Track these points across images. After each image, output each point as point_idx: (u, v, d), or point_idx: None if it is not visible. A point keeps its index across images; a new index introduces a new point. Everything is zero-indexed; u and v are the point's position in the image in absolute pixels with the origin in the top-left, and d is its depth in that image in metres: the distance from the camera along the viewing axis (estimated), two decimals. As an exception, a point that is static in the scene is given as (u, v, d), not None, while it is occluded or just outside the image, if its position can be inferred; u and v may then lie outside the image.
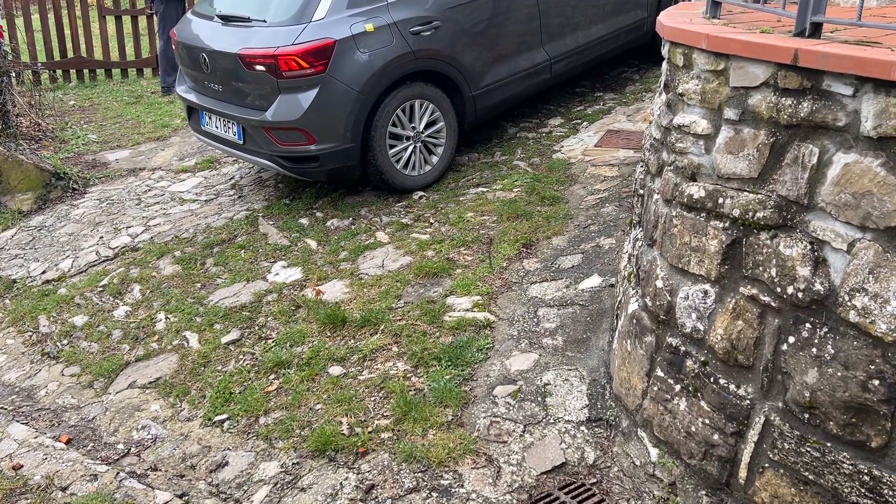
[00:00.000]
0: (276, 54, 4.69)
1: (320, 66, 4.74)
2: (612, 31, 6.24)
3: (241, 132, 5.19)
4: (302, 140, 4.90)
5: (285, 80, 4.76)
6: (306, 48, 4.69)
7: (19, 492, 3.23)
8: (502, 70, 5.57)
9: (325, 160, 4.96)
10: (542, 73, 5.85)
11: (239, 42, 4.94)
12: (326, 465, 3.06)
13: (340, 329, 3.93)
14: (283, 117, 4.84)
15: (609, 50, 6.37)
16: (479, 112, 5.56)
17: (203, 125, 5.62)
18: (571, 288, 3.85)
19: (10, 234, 6.00)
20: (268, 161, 5.17)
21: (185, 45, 5.46)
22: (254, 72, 4.84)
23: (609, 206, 4.56)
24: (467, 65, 5.34)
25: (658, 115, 2.97)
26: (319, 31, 4.75)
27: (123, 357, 4.12)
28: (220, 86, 5.24)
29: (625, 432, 2.97)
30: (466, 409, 3.22)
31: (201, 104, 5.44)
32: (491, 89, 5.54)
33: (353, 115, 4.87)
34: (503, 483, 2.84)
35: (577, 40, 6.02)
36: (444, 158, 5.44)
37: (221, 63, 5.07)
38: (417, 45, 5.04)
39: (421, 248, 4.53)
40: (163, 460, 3.33)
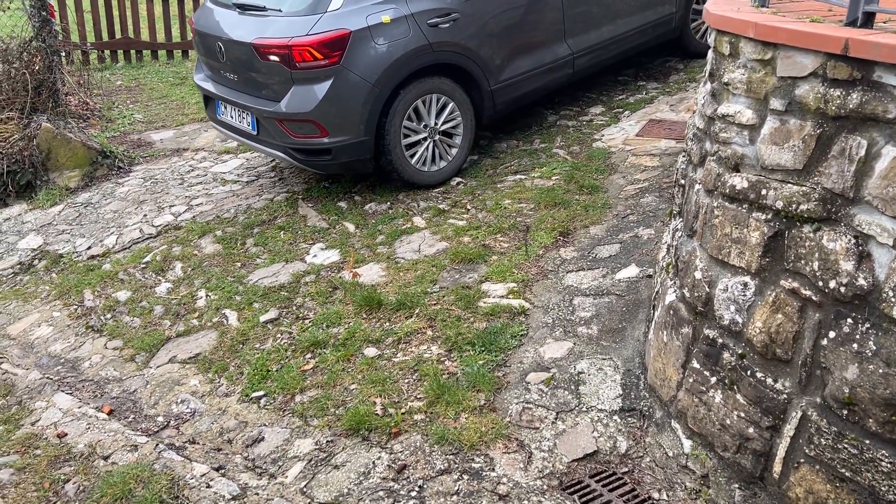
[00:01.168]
0: (290, 45, 4.63)
1: (335, 58, 4.67)
2: (638, 25, 6.04)
3: (254, 123, 5.14)
4: (315, 132, 4.84)
5: (299, 71, 4.70)
6: (321, 39, 4.62)
7: (63, 459, 3.34)
8: (522, 64, 5.43)
9: (338, 153, 4.90)
10: (565, 67, 5.70)
11: (254, 31, 4.88)
12: (360, 444, 3.10)
13: (376, 311, 3.96)
14: (296, 109, 4.78)
15: (635, 45, 6.17)
16: (498, 107, 5.44)
17: (219, 114, 5.58)
18: (608, 277, 3.83)
19: (57, 209, 6.16)
20: (281, 153, 5.12)
21: (201, 33, 5.42)
22: (268, 62, 4.79)
23: (649, 196, 4.52)
24: (486, 58, 5.22)
25: (702, 104, 2.93)
26: (334, 21, 4.68)
27: (164, 332, 4.22)
28: (236, 75, 5.19)
29: (658, 423, 2.96)
30: (499, 394, 3.23)
31: (217, 93, 5.40)
32: (510, 84, 5.41)
33: (367, 108, 4.81)
34: (534, 468, 2.85)
35: (602, 35, 5.84)
36: (461, 154, 5.34)
37: (237, 52, 5.02)
38: (435, 38, 4.94)
39: (457, 234, 4.54)
40: (201, 434, 3.41)
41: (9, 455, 3.41)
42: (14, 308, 4.95)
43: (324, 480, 2.95)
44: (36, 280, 5.22)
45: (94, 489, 3.10)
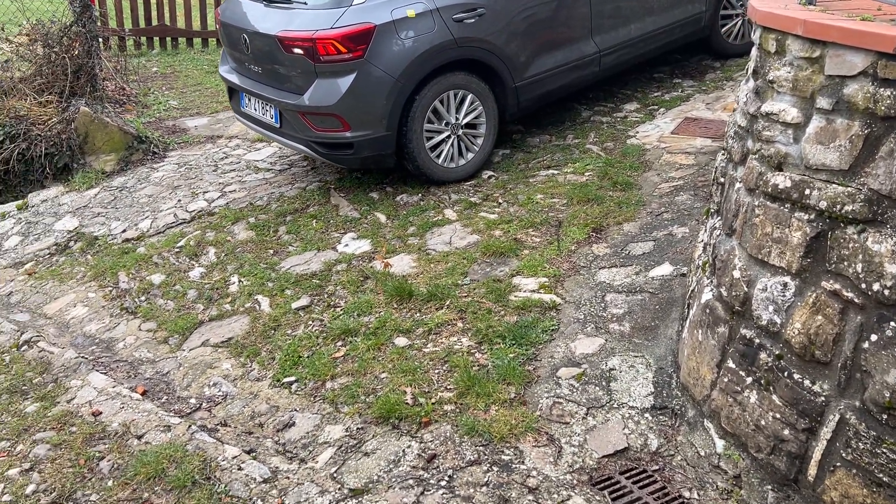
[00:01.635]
0: (314, 38, 4.62)
1: (358, 52, 4.65)
2: (667, 24, 5.93)
3: (278, 116, 5.12)
4: (337, 126, 4.82)
5: (323, 65, 4.68)
6: (345, 32, 4.60)
7: (98, 437, 3.40)
8: (548, 61, 5.37)
9: (360, 148, 4.87)
10: (591, 65, 5.62)
11: (279, 24, 4.86)
12: (390, 433, 3.12)
13: (407, 302, 3.98)
14: (319, 102, 4.76)
15: (663, 44, 6.08)
16: (522, 104, 5.38)
17: (243, 107, 5.56)
18: (641, 275, 3.81)
19: (93, 192, 6.25)
20: (303, 146, 5.10)
21: (227, 25, 5.40)
22: (292, 55, 4.77)
23: (684, 194, 4.49)
24: (511, 55, 5.16)
25: (745, 102, 2.90)
26: (359, 15, 4.66)
27: (198, 316, 4.27)
28: (260, 68, 5.18)
29: (690, 422, 2.94)
30: (529, 388, 3.23)
31: (241, 85, 5.38)
32: (535, 81, 5.34)
33: (390, 103, 4.78)
34: (564, 463, 2.85)
35: (630, 33, 5.75)
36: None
37: (261, 45, 5.01)
38: (460, 33, 4.90)
39: (489, 228, 4.54)
40: (232, 417, 3.45)
41: (45, 431, 3.48)
42: (50, 288, 5.04)
43: (354, 467, 2.98)
44: (72, 261, 5.31)
45: (127, 467, 3.15)
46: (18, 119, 6.89)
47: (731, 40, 6.55)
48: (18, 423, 3.58)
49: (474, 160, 5.28)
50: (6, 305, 4.97)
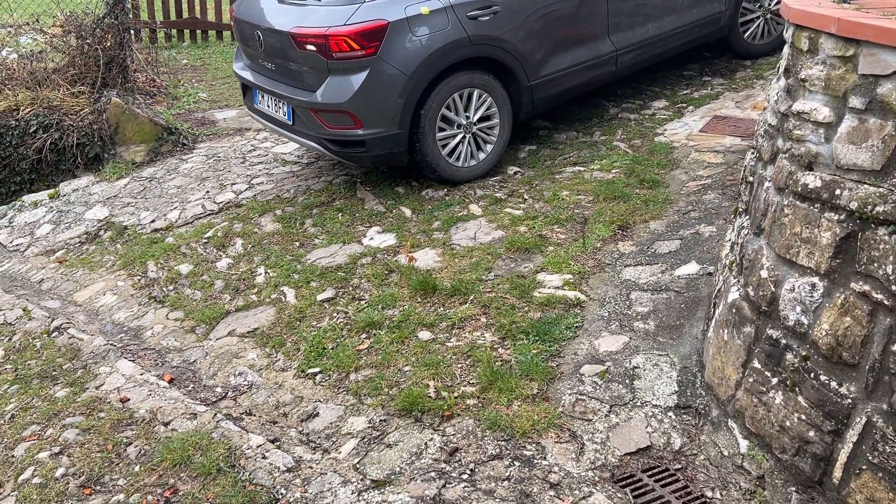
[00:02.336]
0: (327, 34, 4.58)
1: (371, 49, 4.61)
2: (685, 23, 5.82)
3: (290, 113, 5.09)
4: (349, 124, 4.78)
5: (335, 62, 4.65)
6: (358, 29, 4.57)
7: (125, 423, 3.46)
8: (563, 60, 5.30)
9: (372, 145, 4.84)
10: (607, 64, 5.54)
11: (292, 20, 4.84)
12: (412, 425, 3.14)
13: (431, 296, 3.99)
14: (331, 99, 4.73)
15: (682, 44, 5.97)
16: (537, 103, 5.33)
17: (256, 104, 5.54)
18: (667, 273, 3.79)
19: (123, 183, 6.34)
20: (315, 143, 5.05)
21: (241, 21, 5.38)
22: (304, 52, 4.74)
23: (712, 193, 4.45)
24: (526, 53, 5.10)
25: (775, 100, 2.87)
26: (373, 11, 4.63)
27: (224, 306, 4.32)
28: (273, 64, 5.15)
29: (714, 422, 2.93)
30: (552, 384, 3.24)
31: (255, 82, 5.36)
32: (550, 79, 5.27)
33: (403, 101, 4.73)
34: (586, 459, 2.85)
35: (647, 32, 5.66)
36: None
37: (274, 41, 4.98)
38: (474, 31, 4.85)
39: (513, 223, 4.54)
40: (257, 406, 3.49)
41: (75, 416, 3.55)
42: (80, 276, 5.12)
43: (376, 458, 3.00)
44: (101, 250, 5.40)
45: (154, 453, 3.20)
46: (51, 109, 7.01)
47: (751, 40, 6.43)
48: (49, 407, 3.65)
49: (487, 160, 5.24)
50: (37, 292, 5.06)
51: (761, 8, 6.26)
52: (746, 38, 6.39)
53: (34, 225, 6.12)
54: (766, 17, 6.31)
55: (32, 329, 4.45)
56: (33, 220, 6.19)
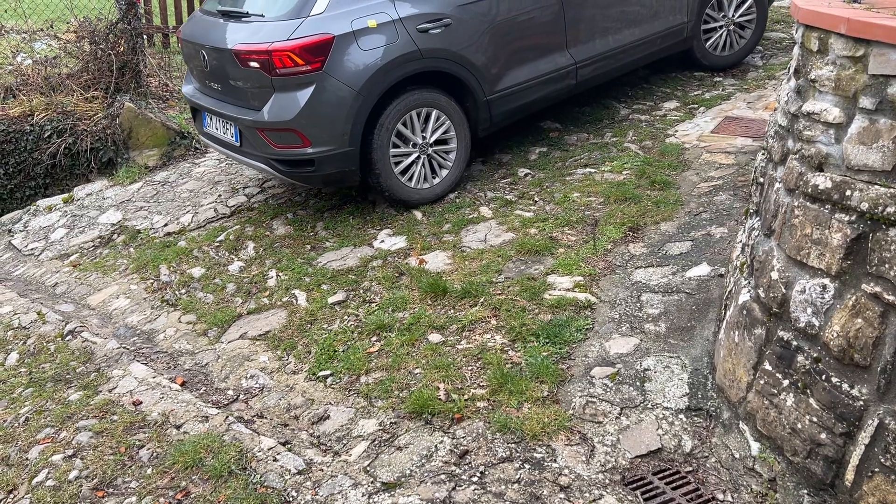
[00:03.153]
0: (270, 50, 4.41)
1: (317, 63, 4.43)
2: (647, 35, 5.73)
3: (237, 134, 4.91)
4: (297, 142, 4.60)
5: (280, 78, 4.48)
6: (302, 44, 4.39)
7: (138, 425, 3.49)
8: (521, 73, 5.17)
9: (322, 164, 4.64)
10: (566, 77, 5.41)
11: (235, 38, 4.69)
12: (423, 428, 3.14)
13: (441, 298, 4.00)
14: (277, 117, 4.55)
15: (644, 56, 5.87)
16: (495, 118, 5.18)
17: (205, 126, 5.35)
18: (678, 275, 3.78)
19: (136, 187, 6.39)
20: (263, 164, 4.85)
21: (187, 42, 5.22)
22: (248, 69, 4.57)
23: (723, 194, 4.43)
24: (481, 66, 4.95)
25: (785, 101, 2.86)
26: (317, 25, 4.45)
27: (236, 309, 4.35)
28: (219, 85, 4.97)
29: (725, 424, 2.91)
30: (562, 386, 3.23)
31: (202, 104, 5.19)
32: (508, 94, 5.14)
33: (352, 117, 4.57)
34: (596, 462, 2.84)
35: (607, 44, 5.54)
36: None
37: (219, 60, 4.82)
38: (425, 44, 4.70)
39: (524, 226, 4.54)
40: (268, 409, 3.51)
41: (88, 419, 3.58)
42: (94, 280, 5.17)
43: (387, 461, 3.01)
44: (115, 254, 5.44)
45: (166, 456, 3.22)
46: (65, 114, 7.08)
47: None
48: (62, 410, 3.68)
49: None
50: (52, 296, 5.11)
51: (725, 18, 6.18)
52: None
53: (48, 229, 6.18)
54: (730, 27, 6.25)
55: (47, 332, 4.49)
56: (48, 225, 6.25)
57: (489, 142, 5.90)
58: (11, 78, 7.62)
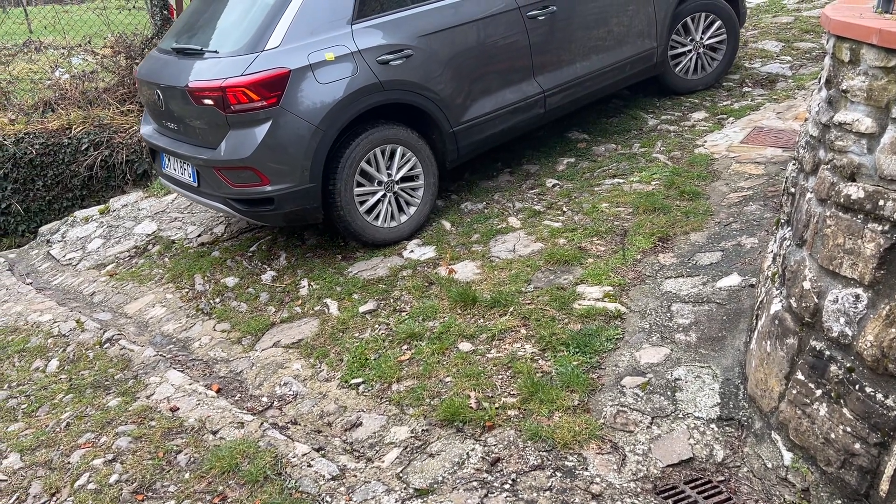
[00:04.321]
0: (223, 86, 4.29)
1: (273, 99, 4.30)
2: (616, 61, 5.65)
3: (195, 174, 4.77)
4: (255, 180, 4.45)
5: (234, 115, 4.34)
6: (256, 79, 4.26)
7: (175, 431, 3.56)
8: (487, 103, 5.06)
9: (281, 202, 4.48)
10: (535, 106, 5.30)
11: (188, 75, 4.56)
12: (454, 435, 3.18)
13: (471, 308, 4.04)
14: (233, 155, 4.40)
15: (614, 82, 5.79)
16: (462, 150, 5.07)
17: (164, 168, 5.19)
18: (709, 285, 3.79)
19: (170, 198, 6.52)
20: (221, 204, 4.70)
21: (142, 82, 5.10)
22: (202, 106, 4.44)
23: (753, 204, 4.43)
24: (446, 97, 4.83)
25: (816, 111, 2.87)
26: (273, 60, 4.32)
27: (269, 318, 4.42)
28: (175, 124, 4.84)
29: (757, 434, 2.91)
30: (593, 395, 3.25)
31: (160, 145, 5.03)
32: (475, 124, 5.03)
33: (312, 153, 4.42)
34: (628, 471, 2.86)
35: (575, 71, 5.45)
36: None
37: (173, 99, 4.70)
38: (386, 76, 4.57)
39: (552, 236, 4.57)
40: (302, 415, 3.57)
41: (127, 424, 3.66)
42: (130, 289, 5.28)
43: (419, 467, 3.05)
44: (150, 263, 5.55)
45: (203, 461, 3.29)
46: (102, 127, 7.25)
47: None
48: (102, 416, 3.77)
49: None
50: (89, 305, 5.23)
51: (693, 42, 6.18)
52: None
53: (85, 239, 6.32)
54: (700, 51, 6.23)
55: (85, 340, 4.60)
56: (85, 235, 6.39)
57: (517, 152, 5.95)
58: (50, 92, 7.83)
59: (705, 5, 6.09)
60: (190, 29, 5.05)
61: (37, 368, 4.44)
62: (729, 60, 6.37)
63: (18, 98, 7.97)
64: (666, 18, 5.89)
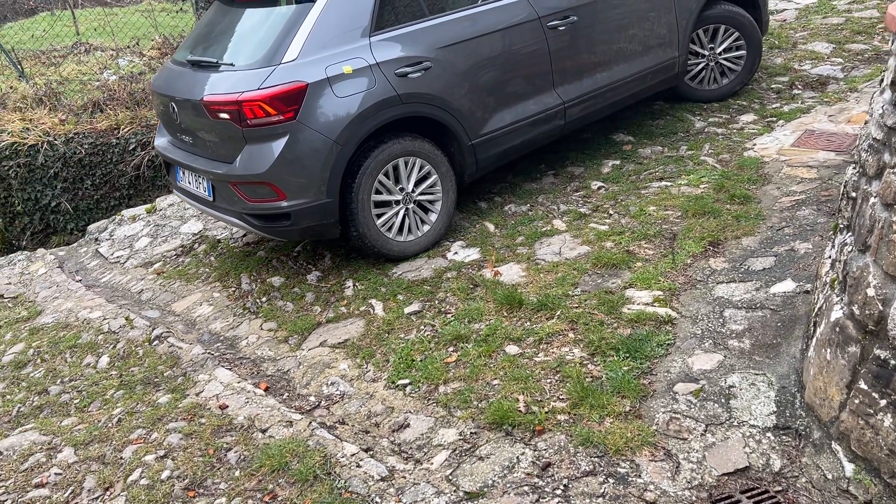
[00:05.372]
0: (239, 100, 4.21)
1: (290, 113, 4.23)
2: (637, 71, 5.54)
3: (210, 188, 4.72)
4: (271, 196, 4.38)
5: (251, 129, 4.27)
6: (273, 93, 4.19)
7: (225, 429, 3.60)
8: (507, 115, 4.96)
9: (298, 218, 4.42)
10: (555, 118, 5.19)
11: (204, 88, 4.50)
12: (503, 439, 3.16)
13: (517, 310, 4.02)
14: (249, 170, 4.34)
15: (635, 92, 5.66)
16: (481, 163, 4.98)
17: (178, 181, 5.15)
18: (762, 291, 3.72)
19: (216, 198, 6.59)
20: (236, 220, 4.65)
21: (157, 94, 5.05)
22: (218, 120, 4.37)
23: (806, 209, 4.34)
24: (465, 110, 4.75)
25: (880, 114, 2.79)
26: (290, 73, 4.25)
27: (315, 318, 4.45)
28: (190, 137, 4.79)
29: (816, 444, 2.85)
30: (644, 401, 3.21)
31: (174, 158, 4.98)
32: (494, 137, 4.94)
33: (329, 167, 4.35)
34: (682, 479, 2.81)
35: (596, 82, 5.33)
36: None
37: (188, 112, 4.64)
38: (404, 89, 4.49)
39: (599, 239, 4.53)
40: (349, 415, 3.57)
41: (177, 421, 3.71)
42: (177, 287, 5.35)
43: (468, 470, 3.03)
44: (196, 262, 5.63)
45: (253, 459, 3.32)
46: (149, 128, 7.37)
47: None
48: (152, 412, 3.82)
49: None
50: (137, 302, 5.31)
51: (710, 49, 6.06)
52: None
53: (133, 238, 6.43)
54: (714, 62, 6.12)
55: (135, 337, 4.67)
56: (132, 234, 6.50)
57: (561, 154, 5.91)
58: (99, 93, 7.99)
59: (725, 16, 5.97)
60: (205, 40, 4.98)
61: (88, 364, 4.52)
62: (750, 68, 6.18)
63: (68, 99, 8.14)
64: (687, 27, 5.79)
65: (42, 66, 9.40)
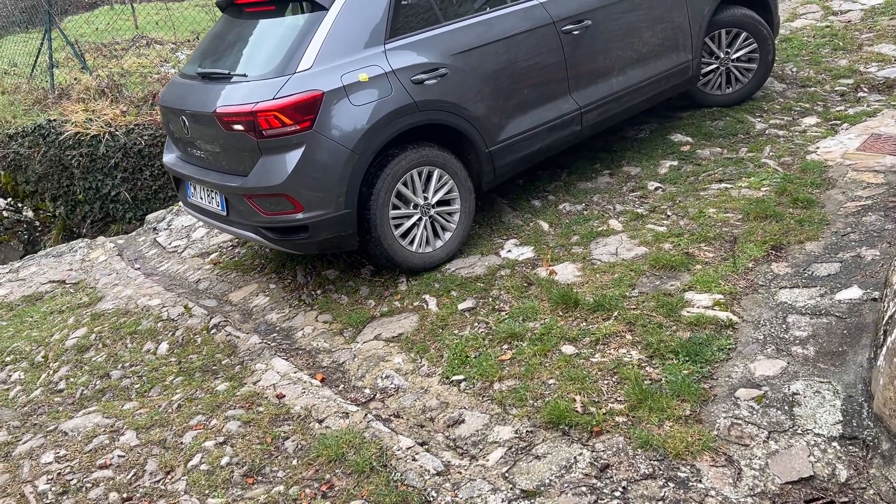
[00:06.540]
0: (254, 111, 4.12)
1: (306, 123, 4.14)
2: (652, 75, 5.49)
3: (223, 202, 4.63)
4: (288, 207, 4.29)
5: (266, 140, 4.17)
6: (288, 102, 4.10)
7: (282, 418, 3.65)
8: (524, 122, 4.89)
9: (316, 230, 4.32)
10: (572, 124, 5.13)
11: (216, 100, 4.39)
12: (560, 438, 3.15)
13: (572, 310, 3.99)
14: (265, 182, 4.24)
15: (651, 97, 5.60)
16: (499, 171, 4.90)
17: (189, 197, 5.07)
18: (826, 297, 3.63)
19: (271, 190, 6.68)
20: (252, 234, 4.56)
21: (166, 109, 4.96)
22: (232, 132, 4.27)
23: (872, 214, 4.23)
24: (481, 117, 4.67)
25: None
26: (305, 82, 4.16)
27: (369, 311, 4.48)
28: (202, 151, 4.70)
29: (885, 455, 2.77)
30: (705, 406, 3.16)
31: (185, 173, 4.90)
32: (511, 144, 4.86)
33: (347, 177, 4.26)
34: (744, 485, 2.77)
35: (612, 87, 5.28)
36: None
37: (200, 125, 4.55)
38: (421, 96, 4.42)
39: (657, 240, 4.48)
40: (404, 409, 3.60)
41: (235, 409, 3.77)
42: (234, 277, 5.45)
43: (525, 469, 3.03)
44: (252, 254, 5.71)
45: (310, 448, 3.36)
46: (207, 120, 7.48)
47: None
48: (211, 399, 3.90)
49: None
50: (195, 291, 5.42)
51: (725, 53, 6.00)
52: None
53: (190, 228, 6.55)
54: (726, 66, 6.05)
55: (193, 325, 4.77)
56: (189, 224, 6.63)
57: (617, 153, 5.86)
58: (159, 86, 8.16)
59: (737, 20, 5.90)
60: (214, 53, 4.89)
61: (148, 350, 4.63)
62: (763, 73, 6.11)
63: (129, 91, 8.33)
64: (701, 31, 5.72)
65: (104, 58, 9.64)
